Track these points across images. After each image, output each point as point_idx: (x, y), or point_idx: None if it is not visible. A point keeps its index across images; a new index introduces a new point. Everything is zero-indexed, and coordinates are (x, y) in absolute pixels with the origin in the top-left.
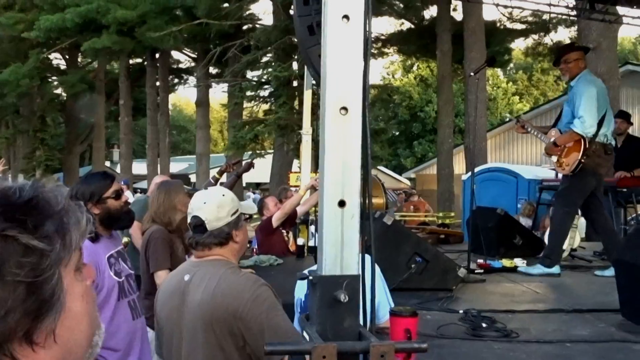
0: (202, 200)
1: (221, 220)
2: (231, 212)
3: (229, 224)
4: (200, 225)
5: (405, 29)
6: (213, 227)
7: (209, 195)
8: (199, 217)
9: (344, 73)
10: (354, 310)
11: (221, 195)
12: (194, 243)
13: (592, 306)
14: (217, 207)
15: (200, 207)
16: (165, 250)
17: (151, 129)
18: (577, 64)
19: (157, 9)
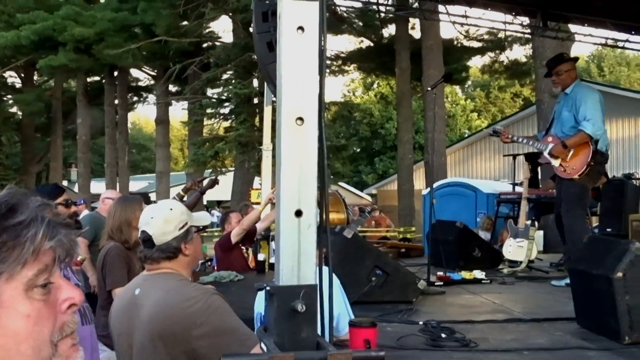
0: (150, 215)
1: (168, 235)
2: (179, 225)
3: (176, 238)
4: (148, 240)
5: (365, 47)
6: (160, 241)
7: (157, 209)
8: (147, 232)
9: (299, 83)
10: (311, 320)
11: (169, 209)
12: (143, 257)
13: (549, 315)
14: (164, 222)
15: (148, 222)
16: (122, 267)
17: (110, 148)
18: (569, 75)
19: (116, 27)
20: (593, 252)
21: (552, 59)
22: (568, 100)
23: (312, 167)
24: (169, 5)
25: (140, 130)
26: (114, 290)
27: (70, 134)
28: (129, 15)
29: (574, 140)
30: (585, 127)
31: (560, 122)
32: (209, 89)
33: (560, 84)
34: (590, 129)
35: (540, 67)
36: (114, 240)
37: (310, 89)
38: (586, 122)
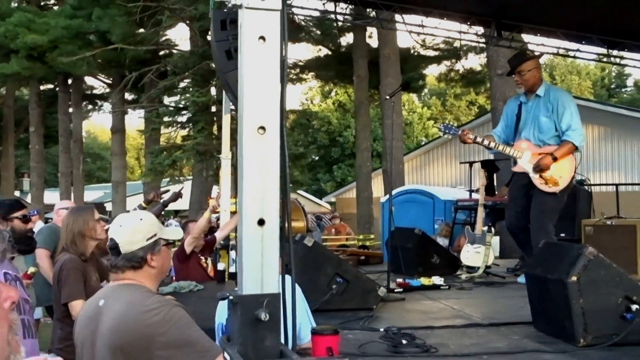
0: (119, 224)
1: (135, 244)
2: (147, 236)
3: (143, 248)
4: (114, 248)
5: (323, 56)
6: (126, 250)
7: (127, 218)
8: (114, 239)
9: (261, 92)
10: (275, 328)
11: (139, 219)
12: (109, 265)
13: (507, 320)
14: (132, 231)
15: (116, 230)
16: (78, 280)
17: (64, 157)
18: (533, 74)
19: (70, 34)
20: (548, 256)
21: (514, 57)
22: (544, 104)
23: (274, 176)
24: (125, 12)
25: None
26: (70, 303)
27: (23, 143)
28: (84, 23)
29: (562, 151)
30: (572, 137)
31: (537, 128)
32: (166, 97)
33: (524, 85)
34: (578, 141)
35: (494, 75)
36: (69, 253)
37: (271, 98)
38: (572, 132)
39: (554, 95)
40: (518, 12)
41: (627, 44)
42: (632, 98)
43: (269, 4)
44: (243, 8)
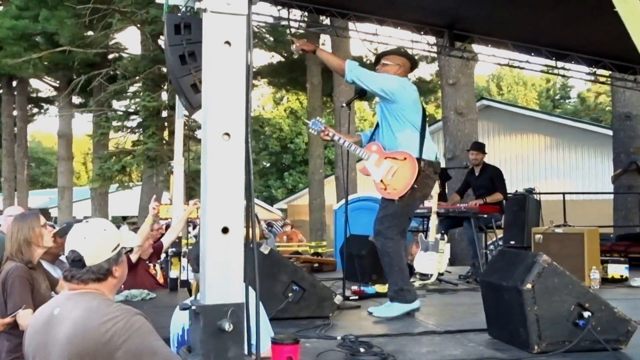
0: (82, 235)
1: (101, 257)
2: (112, 247)
3: (109, 260)
4: (78, 261)
5: (276, 62)
6: (92, 262)
7: (90, 229)
8: (78, 252)
9: (226, 98)
10: (238, 339)
11: (103, 229)
12: (69, 276)
13: (462, 327)
14: (98, 243)
15: (79, 242)
16: (24, 289)
17: (7, 161)
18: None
19: (15, 35)
20: (503, 264)
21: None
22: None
23: (238, 183)
24: (74, 14)
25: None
26: (18, 313)
27: None
28: (30, 24)
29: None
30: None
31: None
32: (115, 101)
33: None
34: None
35: (446, 85)
36: (15, 262)
37: (236, 104)
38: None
39: None
40: (471, 24)
41: (573, 57)
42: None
43: (234, 9)
44: (208, 12)
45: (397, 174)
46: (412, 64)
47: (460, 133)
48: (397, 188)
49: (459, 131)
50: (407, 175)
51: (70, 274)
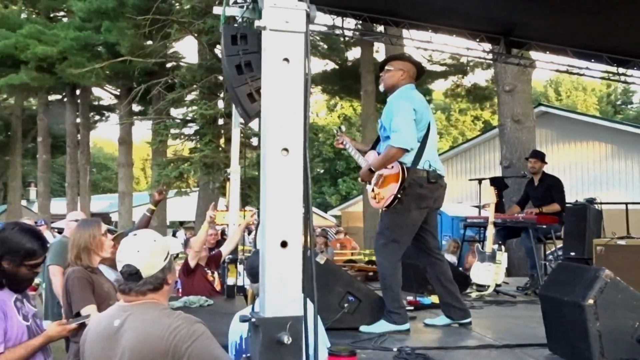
0: (135, 249)
1: (155, 267)
2: (164, 257)
3: (163, 270)
4: (135, 274)
5: (330, 69)
6: (148, 274)
7: (141, 242)
8: (133, 266)
9: (284, 114)
10: (297, 352)
11: (152, 241)
12: (127, 290)
13: (520, 341)
14: (151, 255)
15: (134, 255)
16: (85, 288)
17: (71, 167)
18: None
19: (79, 46)
20: (563, 277)
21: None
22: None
23: (297, 198)
24: (134, 25)
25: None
26: (82, 310)
27: (30, 152)
28: (93, 35)
29: (379, 160)
30: (391, 140)
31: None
32: (173, 109)
33: (384, 82)
34: (397, 141)
35: (502, 92)
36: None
37: (295, 120)
38: (392, 134)
39: (390, 100)
40: (527, 30)
41: (635, 62)
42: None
43: (293, 27)
44: (267, 30)
45: (384, 183)
46: (418, 70)
47: (517, 141)
48: (384, 197)
49: (516, 139)
50: (392, 184)
51: (128, 287)
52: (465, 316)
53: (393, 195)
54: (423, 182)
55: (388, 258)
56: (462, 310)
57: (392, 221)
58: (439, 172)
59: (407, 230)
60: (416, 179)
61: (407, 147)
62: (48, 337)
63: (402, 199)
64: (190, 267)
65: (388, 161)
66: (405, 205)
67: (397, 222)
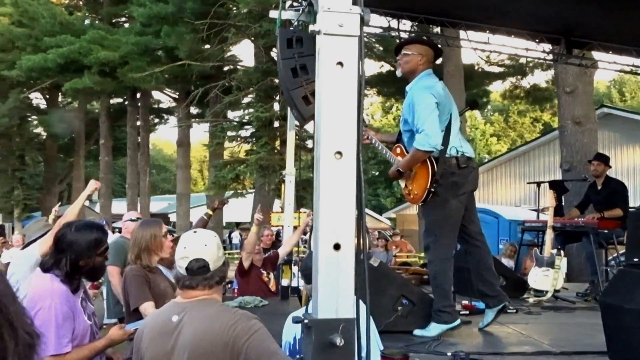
0: (202, 243)
1: (220, 260)
2: (222, 252)
3: (224, 263)
4: (204, 267)
5: (385, 71)
6: (215, 267)
7: (206, 237)
8: (203, 259)
9: (338, 118)
10: (349, 354)
11: (213, 236)
12: (194, 284)
13: (578, 348)
14: (217, 248)
15: (201, 249)
16: (142, 284)
17: (131, 169)
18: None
19: (139, 50)
20: (625, 284)
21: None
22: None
23: (350, 201)
24: (192, 29)
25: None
26: (140, 307)
27: (93, 154)
28: (153, 39)
29: (405, 162)
30: (418, 142)
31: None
32: (229, 111)
33: (402, 67)
34: (423, 144)
35: (562, 93)
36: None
37: (348, 123)
38: (418, 135)
39: (410, 92)
40: (589, 30)
41: None
42: None
43: (347, 30)
44: (322, 34)
45: (415, 178)
46: (435, 53)
47: (578, 143)
48: (417, 193)
49: (577, 141)
50: (423, 179)
51: (195, 281)
52: (500, 301)
53: (427, 190)
54: (454, 169)
55: (437, 255)
56: (496, 297)
57: (434, 216)
58: (468, 155)
59: (451, 222)
60: (447, 167)
61: (433, 149)
62: (110, 341)
63: (436, 191)
64: (244, 268)
65: (415, 163)
66: (442, 197)
67: (439, 217)
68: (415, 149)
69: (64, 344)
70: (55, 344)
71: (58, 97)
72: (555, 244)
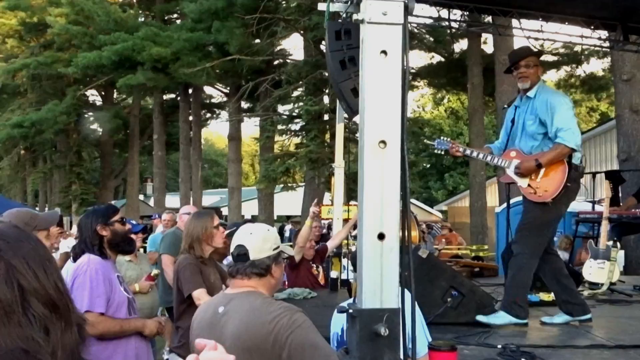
0: (249, 231)
1: (264, 252)
2: (273, 246)
3: (270, 257)
4: (243, 254)
5: (436, 62)
6: (255, 257)
7: (256, 227)
8: (244, 246)
9: (382, 107)
10: (394, 344)
11: (266, 229)
12: (234, 271)
13: (635, 342)
14: (263, 239)
15: (246, 237)
16: (195, 272)
17: (184, 163)
18: (537, 71)
19: (191, 46)
20: None
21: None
22: (531, 106)
23: (394, 191)
24: (242, 24)
25: (212, 145)
26: (193, 294)
27: (146, 149)
28: (204, 35)
29: (549, 156)
30: (564, 139)
31: (526, 134)
32: (279, 105)
33: (526, 81)
34: (571, 141)
35: (619, 81)
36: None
37: (392, 113)
38: (563, 132)
39: (543, 97)
40: None
41: None
42: None
43: (391, 19)
44: (365, 23)
45: (546, 174)
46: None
47: (635, 132)
48: (549, 189)
49: (635, 130)
50: (558, 174)
51: (235, 268)
52: (585, 312)
53: (563, 185)
54: (578, 178)
55: (531, 250)
56: (581, 306)
57: (543, 215)
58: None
59: (554, 225)
60: (576, 176)
61: (577, 146)
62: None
63: (567, 190)
64: (294, 261)
65: (559, 158)
66: (562, 200)
67: (548, 217)
68: (562, 145)
69: (97, 303)
70: (89, 301)
71: (113, 93)
72: (611, 236)
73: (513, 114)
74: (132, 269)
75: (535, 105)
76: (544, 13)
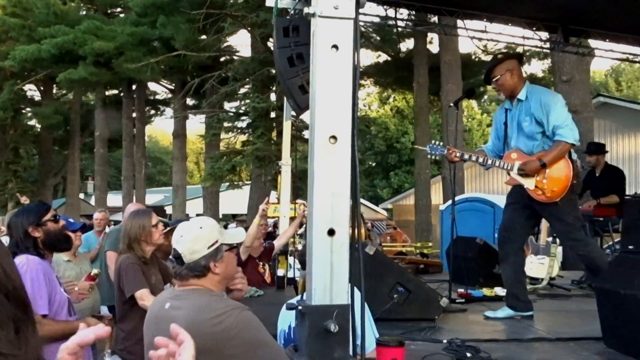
0: (180, 234)
1: (196, 254)
2: (208, 244)
3: (205, 257)
4: (178, 258)
5: (382, 61)
6: (189, 259)
7: (187, 228)
8: (177, 250)
9: (333, 102)
10: (344, 340)
11: (199, 227)
12: (174, 273)
13: (574, 334)
14: (193, 241)
15: (178, 240)
16: (138, 273)
17: (127, 161)
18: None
19: (135, 41)
20: (621, 270)
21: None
22: (525, 107)
23: (344, 186)
24: (188, 19)
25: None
26: (135, 294)
27: (88, 147)
28: (148, 30)
29: (552, 155)
30: (564, 135)
31: (523, 135)
32: (226, 102)
33: (503, 89)
34: (571, 137)
35: (559, 82)
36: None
37: (343, 107)
38: (562, 129)
39: (536, 97)
40: (586, 17)
41: None
42: None
43: (342, 13)
44: (316, 17)
45: (552, 174)
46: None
47: None
48: (556, 189)
49: None
50: (563, 173)
51: (174, 271)
52: (528, 309)
53: (570, 183)
54: (578, 173)
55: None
56: (526, 303)
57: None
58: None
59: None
60: (577, 172)
61: (576, 142)
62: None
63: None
64: (240, 260)
65: (561, 156)
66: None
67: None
68: (562, 142)
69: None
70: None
71: (53, 88)
72: (551, 232)
73: (504, 116)
74: (71, 268)
75: (529, 106)
76: (488, 13)
